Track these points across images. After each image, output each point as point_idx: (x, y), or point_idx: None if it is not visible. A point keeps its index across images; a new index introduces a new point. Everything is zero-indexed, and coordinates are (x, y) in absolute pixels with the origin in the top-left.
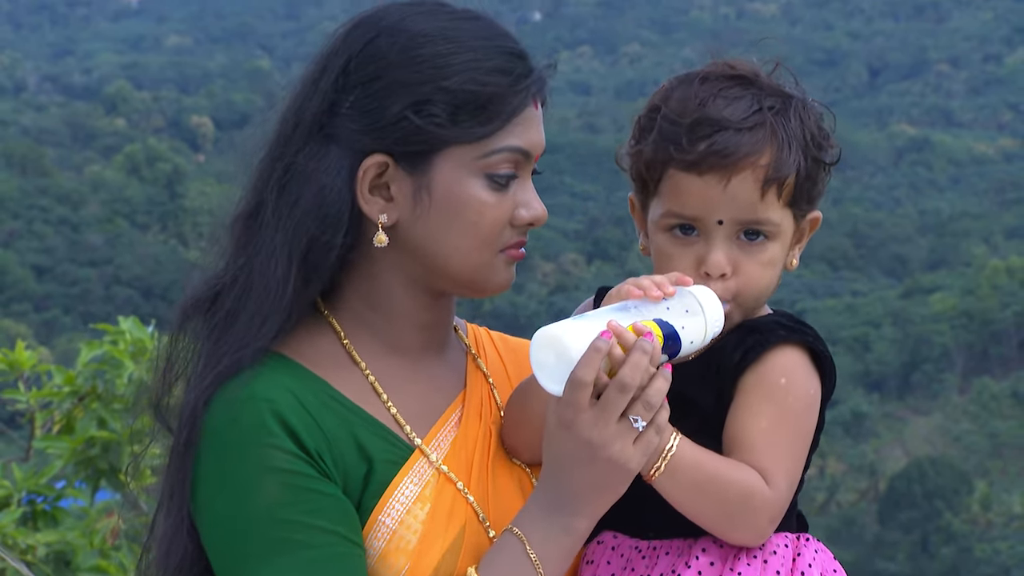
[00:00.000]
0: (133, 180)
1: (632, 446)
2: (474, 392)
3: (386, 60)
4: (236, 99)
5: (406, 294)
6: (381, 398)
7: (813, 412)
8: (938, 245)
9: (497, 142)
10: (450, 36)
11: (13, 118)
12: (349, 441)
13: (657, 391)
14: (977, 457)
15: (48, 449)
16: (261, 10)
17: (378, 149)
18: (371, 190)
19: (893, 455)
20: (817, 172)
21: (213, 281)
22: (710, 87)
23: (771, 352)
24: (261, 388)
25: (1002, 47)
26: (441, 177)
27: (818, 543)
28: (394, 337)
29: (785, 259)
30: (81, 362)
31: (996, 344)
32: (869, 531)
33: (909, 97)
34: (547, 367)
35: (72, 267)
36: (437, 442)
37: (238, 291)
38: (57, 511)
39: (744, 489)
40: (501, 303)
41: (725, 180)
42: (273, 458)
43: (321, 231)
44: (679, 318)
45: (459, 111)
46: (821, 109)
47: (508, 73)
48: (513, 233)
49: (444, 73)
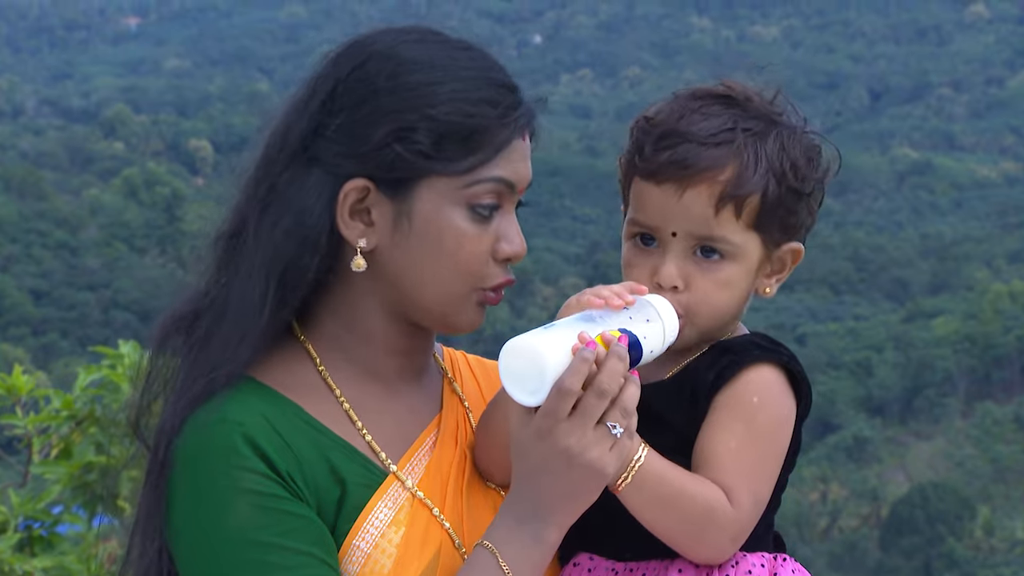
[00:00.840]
0: (131, 204)
1: (609, 452)
2: (449, 416)
3: (373, 85)
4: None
5: (383, 320)
6: (356, 425)
7: (785, 432)
8: (940, 269)
9: (482, 173)
10: (439, 64)
11: (11, 141)
12: (322, 464)
13: (631, 397)
14: (980, 482)
15: (45, 474)
16: (260, 33)
17: (360, 173)
18: (351, 214)
19: (895, 480)
20: (795, 202)
21: (194, 299)
22: (694, 103)
23: (745, 371)
24: (232, 411)
25: (1004, 70)
26: (422, 205)
27: (795, 563)
28: (370, 362)
29: (750, 284)
30: (79, 386)
31: (999, 368)
32: (871, 557)
33: (911, 120)
34: (518, 378)
35: (70, 291)
36: (411, 466)
37: (215, 311)
38: (54, 536)
39: (706, 506)
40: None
41: (680, 192)
42: (245, 480)
43: (299, 253)
44: (640, 327)
45: (443, 140)
46: (818, 141)
47: (496, 105)
48: (497, 270)
49: (430, 101)
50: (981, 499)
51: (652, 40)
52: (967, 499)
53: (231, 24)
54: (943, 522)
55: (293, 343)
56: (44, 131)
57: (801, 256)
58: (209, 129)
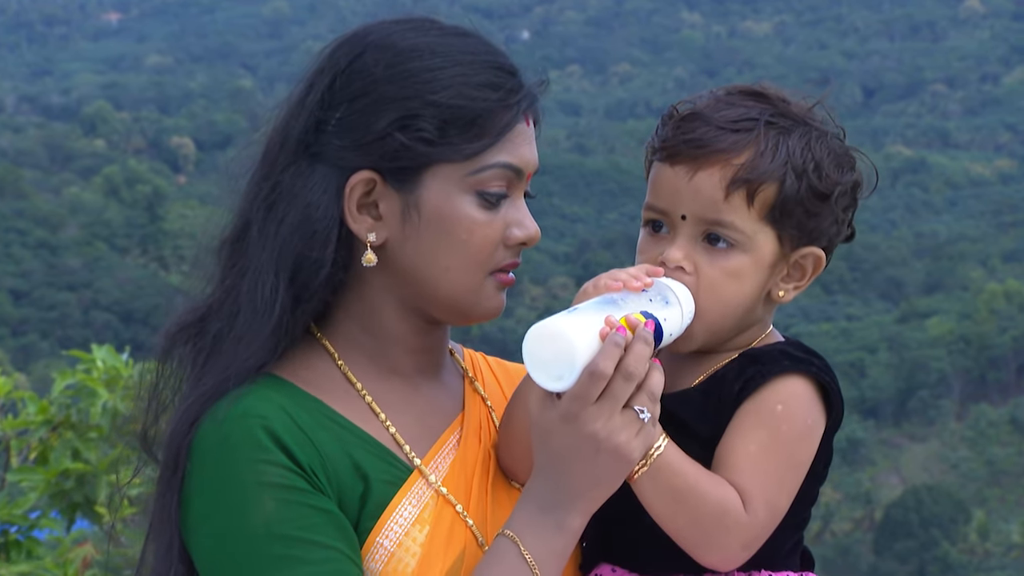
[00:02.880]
0: (112, 202)
1: (636, 438)
2: (472, 415)
3: (372, 76)
4: (218, 119)
5: (398, 317)
6: (379, 418)
7: (809, 442)
8: (934, 268)
9: (487, 159)
10: (438, 51)
11: None
12: (344, 460)
13: (657, 382)
14: (975, 485)
15: (22, 482)
16: (243, 29)
17: (365, 166)
18: (359, 208)
19: (889, 483)
20: (816, 204)
21: (199, 306)
22: (728, 97)
23: (772, 382)
24: (252, 405)
25: (999, 67)
26: (430, 194)
27: None
28: (388, 360)
29: (761, 282)
30: (56, 391)
31: (994, 370)
32: (865, 561)
33: (904, 118)
34: (544, 363)
35: (50, 291)
36: (436, 463)
37: (226, 313)
38: (31, 541)
39: (720, 506)
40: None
41: (692, 172)
42: (267, 473)
43: (309, 250)
44: (661, 310)
45: (447, 126)
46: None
47: (498, 88)
48: (505, 254)
49: (432, 87)
50: (976, 502)
51: (642, 36)
52: (962, 502)
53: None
54: (937, 526)
55: (311, 340)
56: (24, 128)
57: (823, 265)
58: (191, 126)
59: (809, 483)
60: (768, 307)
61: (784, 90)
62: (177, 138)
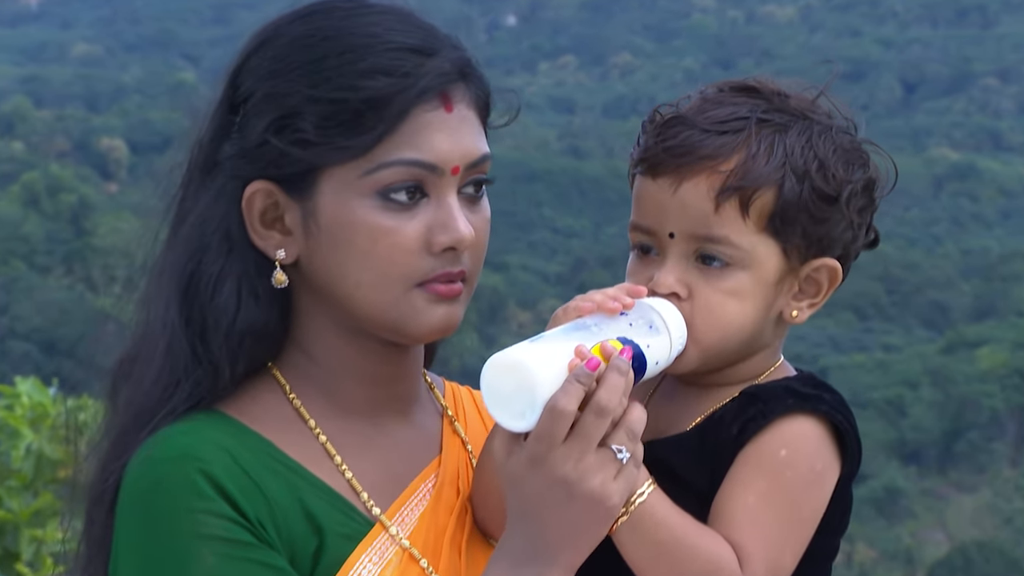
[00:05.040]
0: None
1: (614, 480)
2: (449, 460)
3: (259, 73)
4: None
5: (342, 341)
6: (334, 461)
7: (818, 492)
8: (985, 290)
9: (383, 155)
10: (331, 36)
11: None
12: (296, 510)
13: (638, 419)
14: None
15: None
16: (184, 13)
17: (256, 176)
18: (264, 224)
19: (933, 539)
20: (824, 208)
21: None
22: (716, 96)
23: (774, 424)
24: (189, 445)
25: None
26: (326, 201)
27: None
28: (344, 393)
29: (767, 301)
30: None
31: None
32: None
33: (950, 116)
34: (504, 399)
35: None
36: (402, 516)
37: (145, 344)
38: None
39: (711, 564)
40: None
41: (676, 183)
42: (207, 525)
43: (201, 269)
44: (643, 336)
45: (327, 123)
46: (863, 146)
47: (391, 72)
48: (434, 262)
49: (312, 80)
50: None
51: (646, 21)
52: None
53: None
54: None
55: (264, 372)
56: None
57: (839, 277)
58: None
59: (823, 538)
60: (779, 329)
61: (781, 82)
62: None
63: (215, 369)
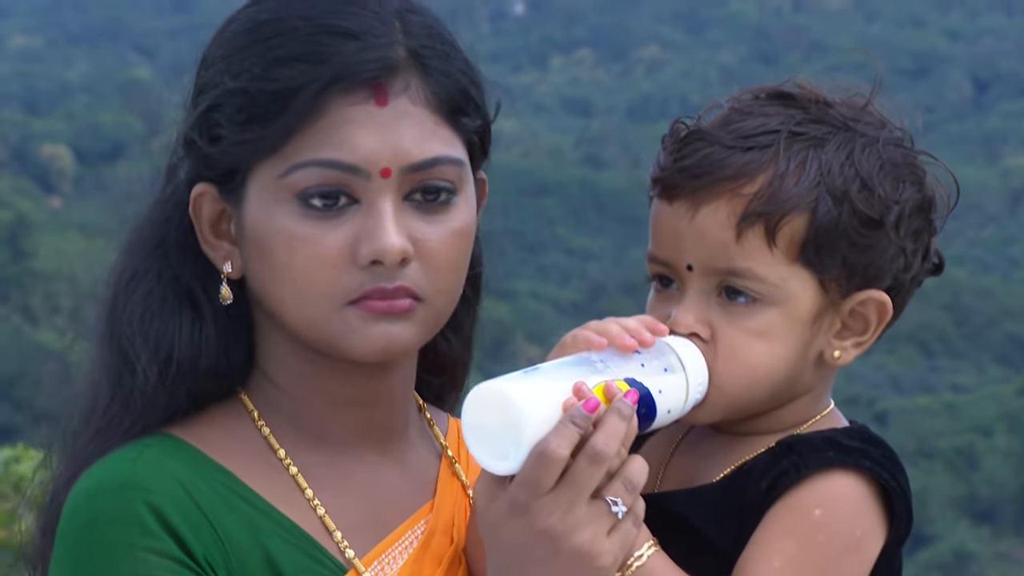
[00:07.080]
0: None
1: (607, 537)
2: (445, 505)
3: (207, 61)
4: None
5: (302, 361)
6: (305, 495)
7: (858, 561)
8: None
9: (296, 155)
10: (269, 20)
11: None
12: (255, 552)
13: (639, 470)
14: None
15: None
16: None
17: (201, 177)
18: (214, 232)
19: None
20: (867, 233)
21: None
22: (747, 105)
23: (809, 479)
24: (135, 474)
25: None
26: (250, 206)
27: None
28: (312, 419)
29: (802, 341)
30: None
31: None
32: None
33: None
34: (486, 436)
35: None
36: (381, 563)
37: (91, 364)
38: None
39: None
40: None
41: (693, 209)
42: (149, 564)
43: (132, 279)
44: (655, 377)
45: (239, 116)
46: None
47: (306, 59)
48: (363, 276)
49: (234, 70)
50: None
51: (676, 9)
52: None
53: None
54: None
55: (230, 396)
56: None
57: (889, 311)
58: (68, 131)
59: None
60: (821, 372)
61: (832, 85)
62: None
63: (154, 395)
